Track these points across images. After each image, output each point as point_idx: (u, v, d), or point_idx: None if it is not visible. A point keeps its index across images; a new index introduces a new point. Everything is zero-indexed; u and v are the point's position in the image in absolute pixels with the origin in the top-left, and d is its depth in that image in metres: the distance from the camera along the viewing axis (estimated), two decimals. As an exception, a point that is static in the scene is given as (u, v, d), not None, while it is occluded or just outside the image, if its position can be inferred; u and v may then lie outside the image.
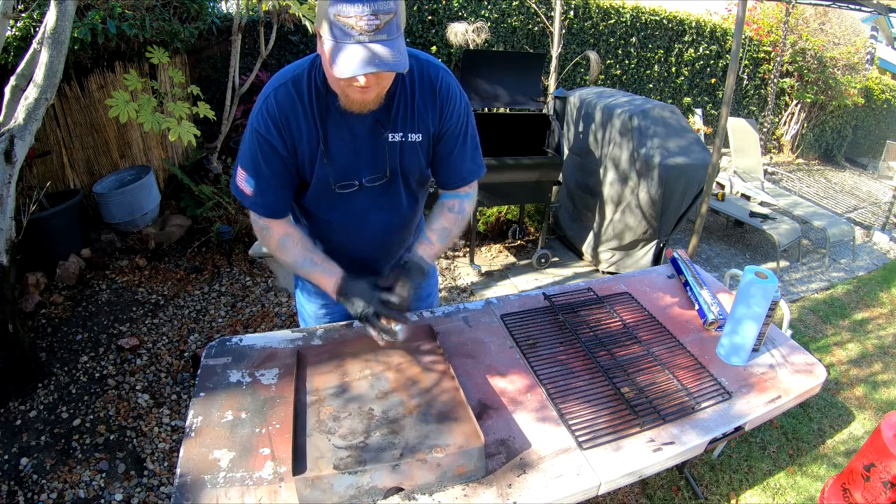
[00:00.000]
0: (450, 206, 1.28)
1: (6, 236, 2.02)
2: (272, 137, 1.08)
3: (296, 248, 1.19)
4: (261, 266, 3.29)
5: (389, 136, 1.13)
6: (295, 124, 1.09)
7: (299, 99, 1.07)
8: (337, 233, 1.28)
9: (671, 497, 1.97)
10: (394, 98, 1.11)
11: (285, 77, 1.09)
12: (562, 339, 1.43)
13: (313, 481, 0.92)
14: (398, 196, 1.24)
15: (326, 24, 0.90)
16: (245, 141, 1.13)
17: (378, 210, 1.24)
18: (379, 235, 1.30)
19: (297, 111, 1.08)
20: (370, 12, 0.86)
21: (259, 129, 1.08)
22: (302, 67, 1.09)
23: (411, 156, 1.18)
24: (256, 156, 1.11)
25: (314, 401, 1.11)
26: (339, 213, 1.23)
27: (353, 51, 0.88)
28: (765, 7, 7.57)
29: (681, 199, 3.11)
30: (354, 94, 1.00)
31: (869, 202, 6.89)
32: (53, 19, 1.85)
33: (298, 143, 1.11)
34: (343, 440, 1.00)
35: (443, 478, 0.97)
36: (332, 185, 1.16)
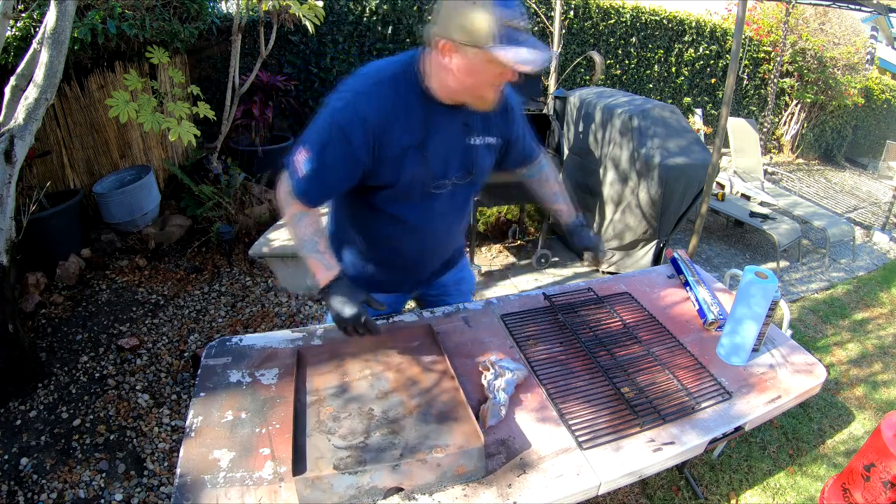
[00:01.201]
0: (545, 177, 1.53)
1: (6, 236, 2.02)
2: (355, 136, 1.09)
3: (309, 226, 1.19)
4: (261, 266, 3.29)
5: (471, 140, 1.22)
6: (387, 126, 1.11)
7: (396, 101, 1.11)
8: (409, 235, 1.30)
9: (671, 497, 1.97)
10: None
11: (379, 76, 1.12)
12: (562, 339, 1.43)
13: (313, 481, 0.92)
14: (468, 198, 1.35)
15: (488, 31, 1.00)
16: (320, 126, 1.12)
17: (449, 212, 1.31)
18: (443, 237, 1.37)
19: (394, 112, 1.11)
20: (522, 15, 1.02)
21: (343, 125, 1.09)
22: (395, 68, 1.13)
23: (487, 157, 1.29)
24: (328, 147, 1.11)
25: (314, 401, 1.11)
26: (417, 214, 1.26)
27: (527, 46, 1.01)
28: (765, 7, 7.57)
29: (681, 199, 3.11)
30: (492, 94, 1.10)
31: (869, 202, 6.89)
32: (53, 19, 1.85)
33: (385, 145, 1.12)
34: (343, 440, 1.00)
35: (443, 478, 0.97)
36: (428, 185, 1.21)
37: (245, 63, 4.16)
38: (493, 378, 1.19)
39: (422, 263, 1.42)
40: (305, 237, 1.19)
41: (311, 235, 1.19)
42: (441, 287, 1.58)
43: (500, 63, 1.01)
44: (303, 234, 1.19)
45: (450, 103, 1.14)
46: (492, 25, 0.99)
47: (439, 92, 1.12)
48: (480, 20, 1.00)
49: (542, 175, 1.53)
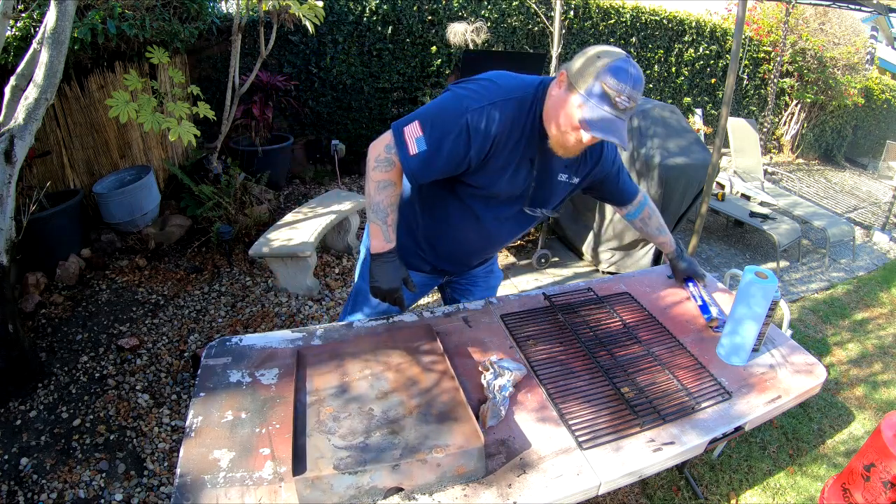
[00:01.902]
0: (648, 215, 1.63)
1: (6, 236, 2.02)
2: (476, 137, 1.14)
3: (389, 197, 1.23)
4: (261, 266, 3.29)
5: (561, 176, 1.31)
6: (506, 140, 1.17)
7: (517, 120, 1.17)
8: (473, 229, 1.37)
9: (671, 497, 1.97)
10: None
11: (513, 93, 1.17)
12: (562, 339, 1.43)
13: (313, 481, 0.92)
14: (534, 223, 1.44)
15: (590, 82, 1.06)
16: (444, 112, 1.15)
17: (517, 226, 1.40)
18: (501, 240, 1.47)
19: (513, 132, 1.17)
20: (627, 96, 1.05)
21: (472, 123, 1.13)
22: (526, 91, 1.19)
23: (565, 193, 1.38)
24: (447, 137, 1.14)
25: (314, 401, 1.11)
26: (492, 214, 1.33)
27: (605, 118, 1.06)
28: (765, 7, 7.57)
29: (681, 199, 3.11)
30: (570, 143, 1.14)
31: (869, 202, 6.89)
32: (53, 19, 1.85)
33: (497, 157, 1.19)
34: (343, 440, 1.00)
35: (443, 478, 0.97)
36: (524, 204, 1.30)
37: (245, 63, 4.16)
38: (492, 378, 1.19)
39: (473, 257, 1.50)
40: (381, 204, 1.23)
41: (386, 206, 1.23)
42: (471, 277, 1.64)
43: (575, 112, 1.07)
44: (379, 200, 1.23)
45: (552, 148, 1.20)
46: (595, 79, 1.05)
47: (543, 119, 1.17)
48: (591, 69, 1.06)
49: (646, 212, 1.62)
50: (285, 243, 2.87)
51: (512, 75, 1.22)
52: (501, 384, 1.17)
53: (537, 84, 1.20)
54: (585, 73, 1.07)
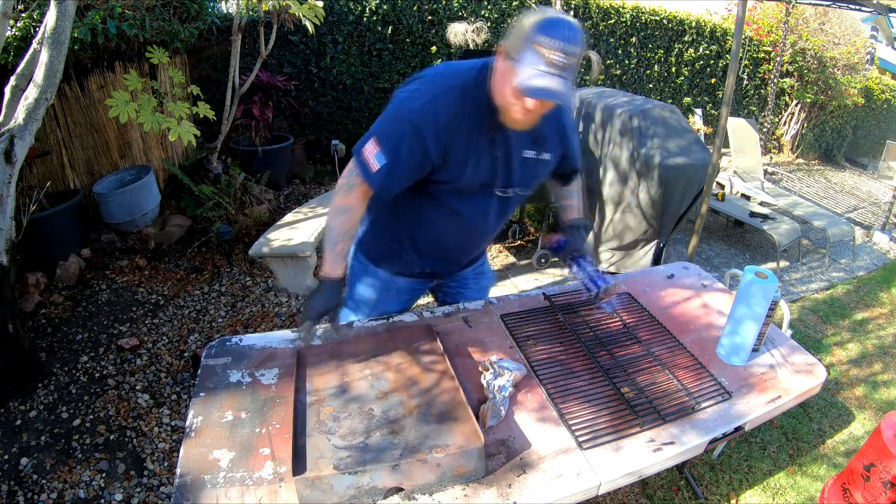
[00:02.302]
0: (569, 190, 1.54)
1: (6, 236, 2.02)
2: (428, 136, 1.12)
3: (344, 223, 1.23)
4: (261, 266, 3.29)
5: (527, 152, 1.26)
6: (455, 129, 1.14)
7: (464, 105, 1.14)
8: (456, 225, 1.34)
9: (671, 497, 1.97)
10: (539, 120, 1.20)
11: (452, 81, 1.15)
12: (562, 339, 1.43)
13: (313, 481, 0.92)
14: (515, 204, 1.40)
15: (522, 48, 1.01)
16: (393, 120, 1.15)
17: (499, 214, 1.36)
18: (486, 232, 1.42)
19: (463, 118, 1.14)
20: (563, 51, 0.99)
21: (419, 125, 1.12)
22: (468, 74, 1.16)
23: (540, 172, 1.33)
24: (402, 144, 1.13)
25: (314, 401, 1.11)
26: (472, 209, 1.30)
27: (541, 79, 1.00)
28: (765, 7, 7.56)
29: (681, 199, 3.11)
30: (519, 113, 1.09)
31: (869, 202, 6.89)
32: (53, 19, 1.85)
33: (451, 148, 1.16)
34: (343, 440, 1.00)
35: (443, 478, 0.97)
36: (490, 187, 1.26)
37: (245, 63, 4.16)
38: (492, 378, 1.19)
39: (460, 254, 1.48)
40: (334, 230, 1.23)
41: (339, 232, 1.23)
42: (461, 279, 1.62)
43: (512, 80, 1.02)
44: (333, 226, 1.23)
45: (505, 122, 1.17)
46: (524, 43, 1.00)
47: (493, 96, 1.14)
48: (522, 33, 1.02)
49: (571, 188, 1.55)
50: (285, 243, 2.86)
51: (456, 64, 1.19)
52: (501, 384, 1.17)
53: (480, 66, 1.16)
54: (517, 39, 1.03)
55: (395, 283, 1.49)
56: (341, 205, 1.22)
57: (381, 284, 1.49)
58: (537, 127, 1.21)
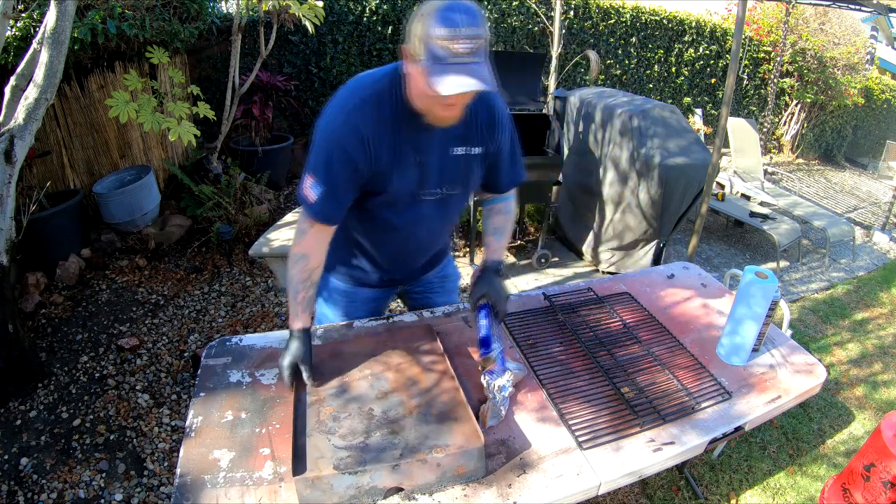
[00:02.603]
0: (497, 210, 1.44)
1: (6, 236, 2.02)
2: (353, 150, 1.11)
3: (301, 272, 1.21)
4: (261, 266, 3.29)
5: (455, 150, 1.21)
6: (379, 138, 1.12)
7: (382, 114, 1.12)
8: (395, 236, 1.33)
9: (671, 497, 1.97)
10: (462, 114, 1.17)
11: (365, 91, 1.13)
12: (562, 339, 1.43)
13: (313, 481, 0.92)
14: (458, 205, 1.35)
15: (423, 47, 0.97)
16: (319, 149, 1.14)
17: (437, 218, 1.32)
18: (430, 237, 1.39)
19: (381, 126, 1.12)
20: (464, 36, 0.95)
21: (342, 142, 1.11)
22: (381, 82, 1.14)
23: (473, 167, 1.27)
24: (332, 165, 1.12)
25: (314, 401, 1.11)
26: (404, 219, 1.28)
27: (452, 72, 0.96)
28: (765, 7, 7.57)
29: (681, 199, 3.11)
30: (442, 111, 1.08)
31: (869, 202, 6.89)
32: (53, 19, 1.85)
33: (379, 158, 1.14)
34: (343, 440, 1.00)
35: (443, 478, 0.97)
36: (419, 194, 1.22)
37: (245, 63, 4.16)
38: (492, 378, 1.19)
39: (407, 262, 1.46)
40: (293, 280, 1.22)
41: (297, 282, 1.21)
42: (426, 284, 1.59)
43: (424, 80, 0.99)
44: (292, 276, 1.22)
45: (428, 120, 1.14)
46: (424, 42, 0.97)
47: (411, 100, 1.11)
48: (416, 33, 0.98)
49: (500, 206, 1.44)
50: (285, 243, 2.86)
51: (366, 74, 1.17)
52: (501, 384, 1.17)
53: (392, 72, 1.14)
54: (416, 39, 0.99)
55: (360, 294, 1.49)
56: (296, 253, 1.22)
57: (346, 297, 1.49)
58: (463, 122, 1.18)
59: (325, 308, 1.55)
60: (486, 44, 0.99)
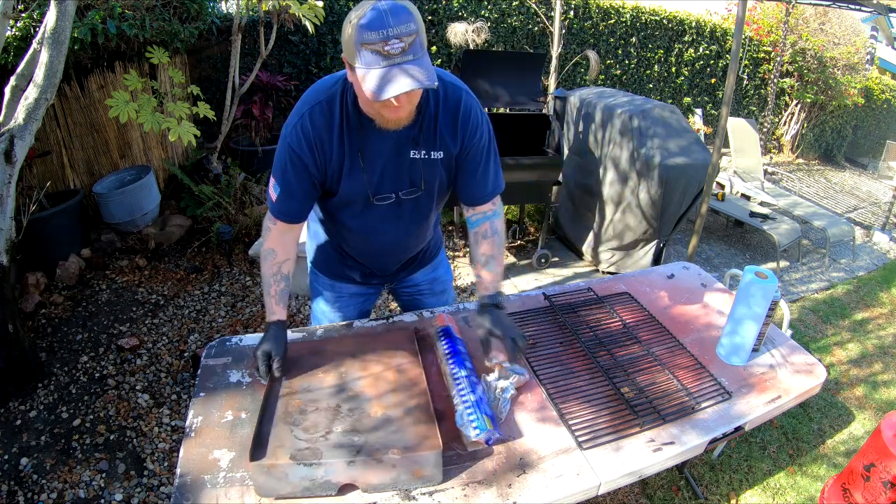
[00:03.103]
0: (483, 233, 1.34)
1: (6, 236, 2.02)
2: (304, 154, 1.15)
3: (270, 266, 1.27)
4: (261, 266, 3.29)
5: (412, 153, 1.20)
6: (328, 143, 1.15)
7: (332, 119, 1.14)
8: (355, 237, 1.36)
9: (671, 497, 1.97)
10: (418, 117, 1.16)
11: (319, 96, 1.14)
12: (562, 339, 1.43)
13: (269, 469, 0.93)
14: (425, 208, 1.32)
15: (356, 53, 0.96)
16: (278, 153, 1.19)
17: (399, 220, 1.31)
18: (396, 240, 1.38)
19: (331, 131, 1.14)
20: (394, 36, 0.92)
21: (293, 146, 1.15)
22: (335, 88, 1.14)
23: (433, 171, 1.24)
24: (287, 168, 1.17)
25: (286, 393, 1.12)
26: (360, 221, 1.30)
27: (386, 74, 0.94)
28: (765, 7, 7.57)
29: (681, 199, 3.11)
30: (389, 113, 1.07)
31: (869, 202, 6.89)
32: (53, 19, 1.85)
33: (329, 161, 1.17)
34: (305, 433, 1.01)
35: (398, 479, 0.97)
36: (371, 198, 1.23)
37: (245, 63, 4.16)
38: (495, 380, 1.19)
39: (378, 263, 1.46)
40: (265, 276, 1.27)
41: (269, 276, 1.26)
42: (413, 286, 1.59)
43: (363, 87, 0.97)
44: (264, 273, 1.27)
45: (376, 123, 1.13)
46: (355, 47, 0.95)
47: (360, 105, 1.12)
48: (350, 39, 0.96)
49: (485, 228, 1.33)
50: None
51: (324, 79, 1.17)
52: (504, 386, 1.17)
53: (343, 77, 1.14)
54: (348, 46, 0.97)
55: (344, 289, 1.52)
56: (264, 250, 1.28)
57: (332, 290, 1.52)
58: (418, 125, 1.16)
59: (314, 302, 1.58)
60: (420, 37, 0.96)
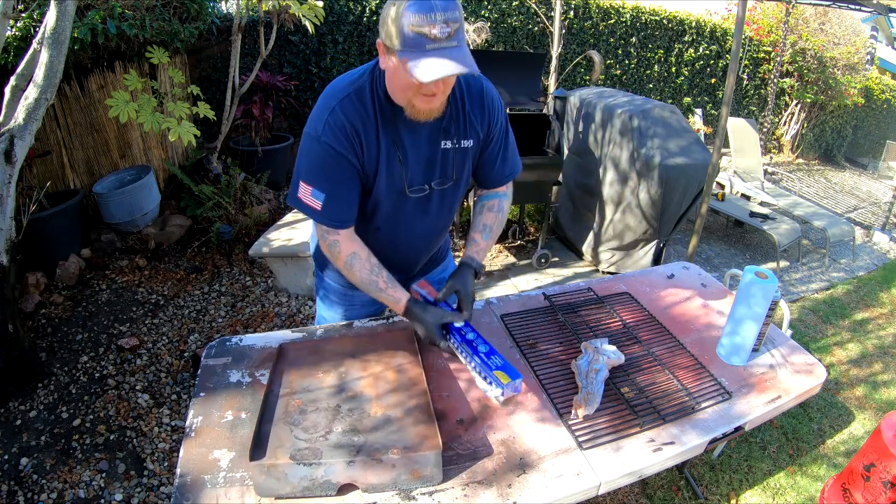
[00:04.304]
0: (490, 206, 1.40)
1: (6, 236, 2.02)
2: (343, 148, 1.10)
3: (363, 268, 1.21)
4: (261, 266, 3.29)
5: (443, 143, 1.20)
6: (364, 134, 1.12)
7: (365, 111, 1.11)
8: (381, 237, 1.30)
9: (671, 497, 1.97)
10: (448, 107, 1.16)
11: (346, 90, 1.12)
12: (562, 339, 1.43)
13: (269, 469, 0.93)
14: (452, 201, 1.32)
15: (398, 36, 0.96)
16: (308, 154, 1.13)
17: (430, 215, 1.30)
18: (425, 237, 1.36)
19: (365, 122, 1.11)
20: (442, 21, 0.93)
21: (328, 141, 1.10)
22: (361, 79, 1.13)
23: (463, 161, 1.25)
24: (326, 167, 1.12)
25: (286, 393, 1.12)
26: (388, 220, 1.26)
27: (432, 58, 0.94)
28: (765, 7, 7.57)
29: (681, 199, 3.11)
30: (422, 103, 1.06)
31: (869, 202, 6.89)
32: (53, 19, 1.85)
33: (367, 153, 1.14)
34: (305, 433, 1.01)
35: (397, 479, 0.97)
36: (406, 190, 1.20)
37: (245, 63, 4.16)
38: (585, 364, 1.19)
39: (405, 262, 1.42)
40: (365, 280, 1.22)
41: (368, 276, 1.21)
42: None
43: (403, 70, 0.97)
44: (361, 278, 1.22)
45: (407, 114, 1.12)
46: (399, 30, 0.95)
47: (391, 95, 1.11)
48: (391, 23, 0.97)
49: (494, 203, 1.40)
50: (285, 243, 2.87)
51: (343, 76, 1.17)
52: (597, 368, 1.18)
53: (370, 69, 1.14)
54: (391, 29, 0.97)
55: (357, 297, 1.47)
56: (345, 263, 1.21)
57: (344, 299, 1.48)
58: (448, 115, 1.17)
59: (323, 309, 1.54)
60: (463, 26, 0.98)
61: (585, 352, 1.28)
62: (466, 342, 1.23)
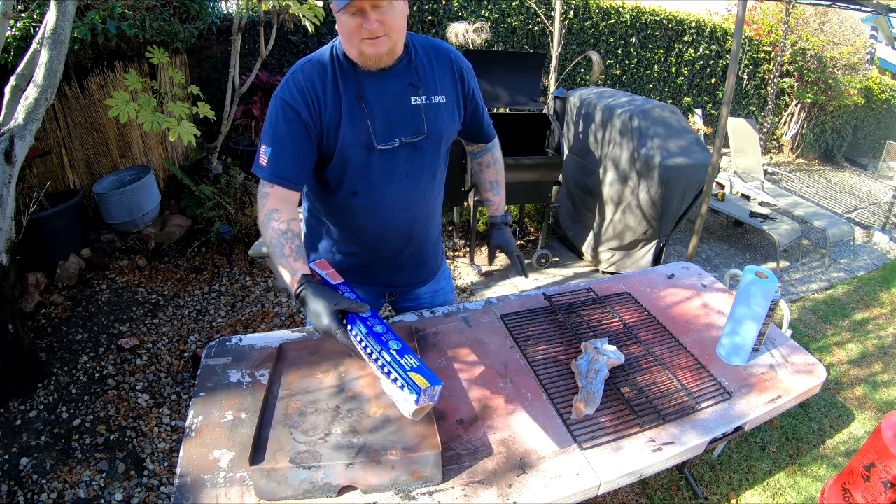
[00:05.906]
0: (486, 163, 1.53)
1: (6, 236, 2.02)
2: (297, 104, 1.14)
3: (277, 228, 1.12)
4: (261, 266, 3.29)
5: (413, 100, 1.22)
6: (322, 92, 1.15)
7: (324, 70, 1.16)
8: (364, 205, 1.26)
9: (671, 497, 1.97)
10: (408, 60, 1.21)
11: (310, 57, 1.21)
12: (562, 339, 1.43)
13: (269, 472, 0.93)
14: (424, 163, 1.28)
15: None
16: (268, 116, 1.18)
17: (406, 177, 1.26)
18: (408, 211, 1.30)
19: (324, 79, 1.16)
20: None
21: (284, 97, 1.14)
22: (324, 49, 1.20)
23: (437, 115, 1.26)
24: (278, 122, 1.15)
25: (285, 395, 1.12)
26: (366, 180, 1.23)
27: None
28: (765, 7, 7.57)
29: (681, 199, 3.11)
30: (368, 47, 1.10)
31: (869, 202, 6.89)
32: (53, 19, 1.85)
33: (324, 111, 1.16)
34: (305, 435, 1.00)
35: (397, 480, 0.97)
36: (374, 142, 1.19)
37: (245, 63, 4.16)
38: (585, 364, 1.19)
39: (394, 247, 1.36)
40: (273, 241, 1.12)
41: (277, 238, 1.11)
42: (414, 299, 1.55)
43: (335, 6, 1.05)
44: (271, 238, 1.12)
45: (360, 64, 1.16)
46: None
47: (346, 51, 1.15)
48: None
49: (487, 158, 1.53)
50: (285, 243, 2.86)
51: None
52: (597, 368, 1.18)
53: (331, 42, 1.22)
54: None
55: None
56: (264, 216, 1.14)
57: None
58: (414, 69, 1.21)
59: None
60: None
61: (585, 352, 1.28)
62: (375, 335, 1.01)
